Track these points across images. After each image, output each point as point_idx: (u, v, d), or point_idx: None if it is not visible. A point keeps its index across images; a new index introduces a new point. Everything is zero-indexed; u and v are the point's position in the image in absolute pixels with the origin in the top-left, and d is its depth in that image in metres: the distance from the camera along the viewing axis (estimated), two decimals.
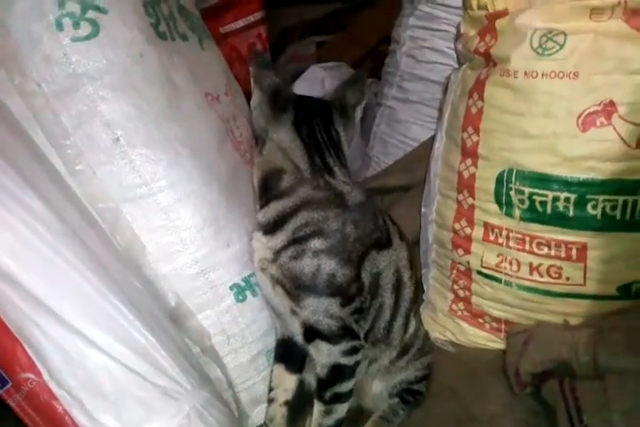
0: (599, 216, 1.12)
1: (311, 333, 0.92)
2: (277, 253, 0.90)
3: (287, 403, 1.05)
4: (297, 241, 0.89)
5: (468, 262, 1.34)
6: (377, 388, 1.07)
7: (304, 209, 0.91)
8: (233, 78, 1.36)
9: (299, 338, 0.96)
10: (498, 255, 1.28)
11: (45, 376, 0.80)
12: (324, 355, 0.93)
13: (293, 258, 0.89)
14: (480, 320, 1.37)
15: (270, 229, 0.91)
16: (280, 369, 1.04)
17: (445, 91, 1.46)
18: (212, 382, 1.00)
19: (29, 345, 0.81)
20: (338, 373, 0.93)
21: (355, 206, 0.94)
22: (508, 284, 1.28)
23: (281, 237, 0.90)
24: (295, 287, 0.90)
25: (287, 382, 1.04)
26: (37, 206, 0.85)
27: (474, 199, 1.29)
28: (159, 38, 1.04)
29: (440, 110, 1.45)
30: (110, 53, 0.94)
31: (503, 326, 1.33)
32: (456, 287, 1.40)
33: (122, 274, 0.91)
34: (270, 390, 1.05)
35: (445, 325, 1.43)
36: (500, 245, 1.26)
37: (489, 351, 1.34)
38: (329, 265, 0.89)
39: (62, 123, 0.93)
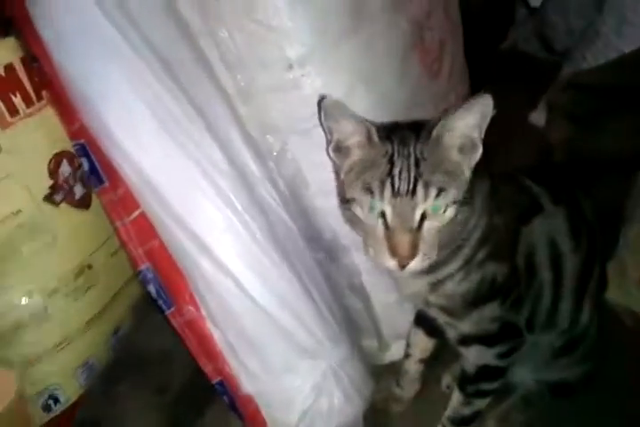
0: None
1: (468, 339, 0.91)
2: (438, 283, 0.85)
3: (423, 361, 1.11)
4: (467, 263, 0.83)
5: None
6: (526, 375, 1.06)
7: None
8: None
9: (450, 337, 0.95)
10: None
11: (203, 312, 0.92)
12: (474, 356, 0.92)
13: (461, 281, 0.84)
14: None
15: (425, 271, 0.81)
16: (419, 332, 1.07)
17: None
18: (353, 330, 1.08)
19: (192, 283, 0.91)
20: (486, 373, 0.93)
21: (492, 191, 0.84)
22: None
23: (446, 269, 0.84)
24: (459, 307, 0.87)
25: (424, 343, 1.09)
26: (207, 143, 0.89)
27: None
28: None
29: None
30: None
31: None
32: None
33: (281, 221, 0.95)
34: (408, 345, 1.11)
35: (631, 292, 1.34)
36: None
37: None
38: (491, 269, 0.84)
39: (237, 42, 0.92)
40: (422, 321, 1.07)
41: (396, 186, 0.72)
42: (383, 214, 0.73)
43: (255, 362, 0.92)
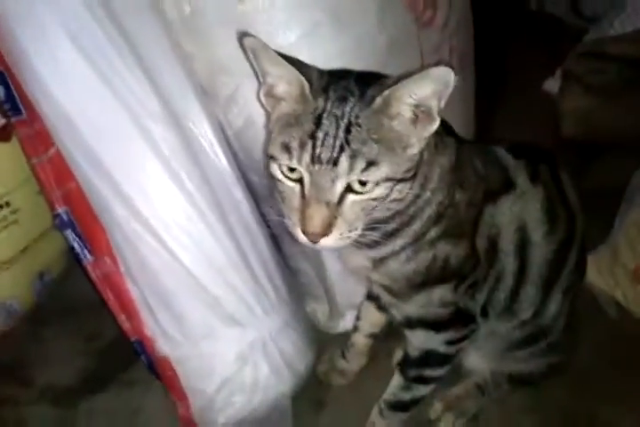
0: None
1: (413, 322, 0.81)
2: (381, 260, 0.74)
3: (372, 335, 1.02)
4: (416, 240, 0.72)
5: None
6: (481, 363, 0.97)
7: None
8: None
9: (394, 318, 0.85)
10: None
11: (121, 268, 0.83)
12: (419, 340, 0.83)
13: (406, 261, 0.73)
14: None
15: (368, 245, 0.72)
16: (370, 306, 0.98)
17: None
18: (300, 297, 0.99)
19: (109, 232, 0.82)
20: (431, 359, 0.84)
21: (455, 164, 0.73)
22: None
23: (389, 247, 0.73)
24: (404, 288, 0.76)
25: (375, 318, 0.99)
26: (138, 81, 0.78)
27: None
28: None
29: None
30: None
31: None
32: None
33: (220, 174, 0.85)
34: (357, 318, 1.02)
35: (620, 282, 1.23)
36: None
37: None
38: (443, 250, 0.73)
39: None
40: (373, 297, 0.97)
41: (317, 151, 0.60)
42: (302, 181, 0.62)
43: (174, 324, 0.84)
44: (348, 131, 0.60)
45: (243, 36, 0.64)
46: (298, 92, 0.63)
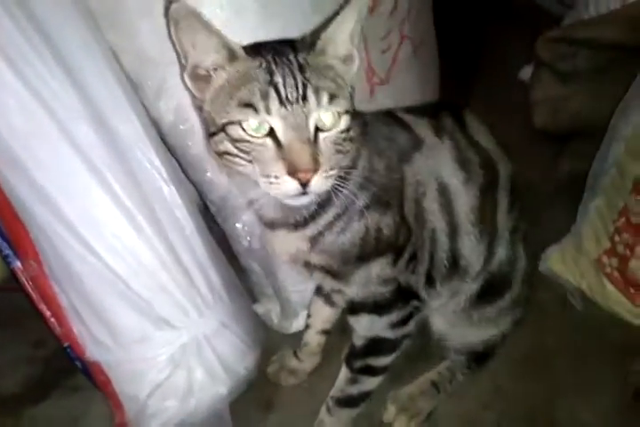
0: None
1: (357, 307, 0.80)
2: (315, 238, 0.74)
3: (325, 332, 1.00)
4: (346, 209, 0.73)
5: None
6: (450, 330, 0.95)
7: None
8: None
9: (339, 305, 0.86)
10: None
11: (46, 270, 0.80)
12: (364, 327, 0.81)
13: (341, 232, 0.73)
14: (632, 290, 1.14)
15: (304, 221, 0.74)
16: (319, 301, 0.96)
17: None
18: (243, 296, 0.97)
19: (32, 234, 0.79)
20: (376, 346, 0.82)
21: (366, 128, 0.74)
22: None
23: (324, 219, 0.73)
24: (342, 264, 0.75)
25: (325, 313, 0.98)
26: (57, 80, 0.73)
27: None
28: None
29: None
30: None
31: None
32: (617, 239, 1.14)
33: (149, 173, 0.81)
34: (308, 316, 1.00)
35: (585, 273, 1.21)
36: None
37: (627, 329, 1.11)
38: (374, 219, 0.73)
39: None
40: (321, 291, 0.96)
41: (283, 93, 0.62)
42: (272, 132, 0.62)
43: (103, 329, 0.81)
44: (302, 71, 0.62)
45: (169, 3, 0.60)
46: (229, 58, 0.64)
